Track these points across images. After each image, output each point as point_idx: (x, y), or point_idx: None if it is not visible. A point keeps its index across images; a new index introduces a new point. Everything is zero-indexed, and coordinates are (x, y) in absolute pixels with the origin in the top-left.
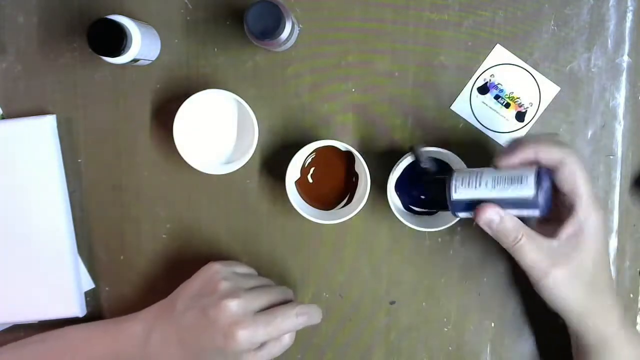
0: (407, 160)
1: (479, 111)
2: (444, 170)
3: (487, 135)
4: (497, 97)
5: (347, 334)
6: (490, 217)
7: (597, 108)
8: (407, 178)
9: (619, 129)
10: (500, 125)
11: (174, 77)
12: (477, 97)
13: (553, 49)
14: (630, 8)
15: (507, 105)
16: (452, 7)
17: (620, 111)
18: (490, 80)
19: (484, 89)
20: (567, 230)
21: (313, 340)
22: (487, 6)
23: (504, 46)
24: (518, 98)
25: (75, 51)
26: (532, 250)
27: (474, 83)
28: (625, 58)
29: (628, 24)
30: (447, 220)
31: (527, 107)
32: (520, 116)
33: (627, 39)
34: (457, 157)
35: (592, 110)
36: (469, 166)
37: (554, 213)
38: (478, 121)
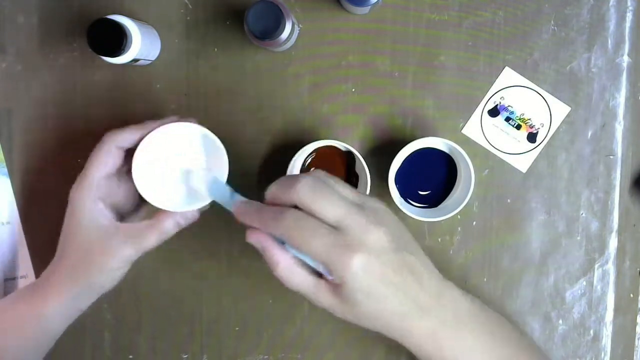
0: (406, 151)
1: (490, 134)
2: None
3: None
4: (507, 119)
5: (347, 334)
6: None
7: (597, 108)
8: (407, 170)
9: (619, 129)
10: (512, 146)
11: (174, 77)
12: (487, 120)
13: (553, 49)
14: (630, 8)
15: (518, 127)
16: (452, 7)
17: (620, 111)
18: (500, 102)
19: (494, 112)
20: None
21: (313, 340)
22: (487, 6)
23: (511, 68)
24: (529, 119)
25: (75, 51)
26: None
27: (484, 106)
28: (625, 58)
29: (628, 24)
30: (446, 212)
31: (539, 128)
32: (531, 137)
33: (627, 39)
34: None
35: (592, 110)
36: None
37: None
38: (490, 144)
